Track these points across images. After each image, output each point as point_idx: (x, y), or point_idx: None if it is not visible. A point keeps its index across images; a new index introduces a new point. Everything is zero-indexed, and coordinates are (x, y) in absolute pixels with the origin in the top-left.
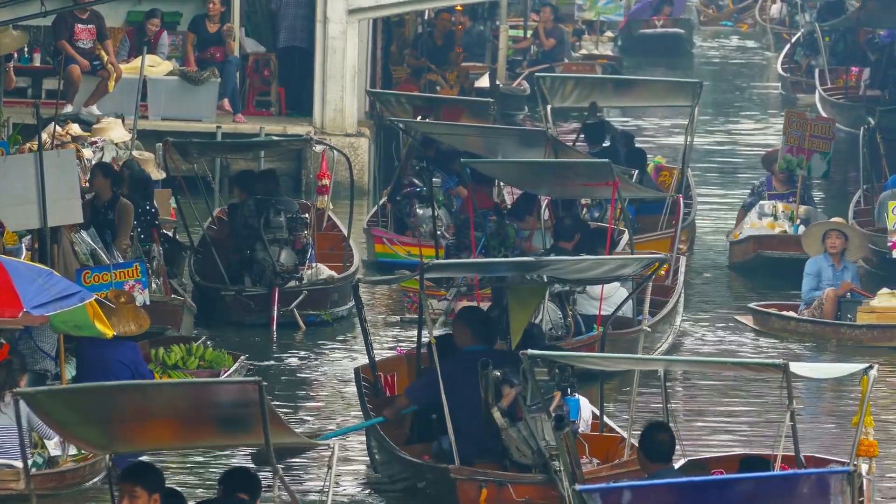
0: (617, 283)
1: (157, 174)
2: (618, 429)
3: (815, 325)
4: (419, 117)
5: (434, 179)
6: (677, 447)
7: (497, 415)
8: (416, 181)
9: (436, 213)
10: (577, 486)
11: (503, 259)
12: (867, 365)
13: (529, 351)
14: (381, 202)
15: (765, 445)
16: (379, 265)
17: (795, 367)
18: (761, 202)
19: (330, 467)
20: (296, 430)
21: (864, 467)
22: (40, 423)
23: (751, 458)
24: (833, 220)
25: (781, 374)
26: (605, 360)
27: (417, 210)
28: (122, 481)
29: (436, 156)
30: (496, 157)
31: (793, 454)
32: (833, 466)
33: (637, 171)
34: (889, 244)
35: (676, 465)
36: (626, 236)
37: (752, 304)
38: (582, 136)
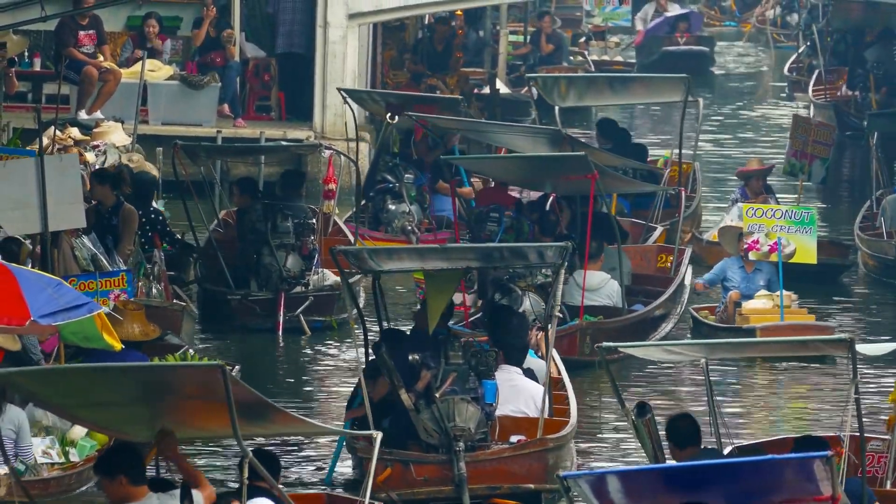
0: (606, 275)
1: (154, 171)
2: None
3: (708, 328)
4: (389, 115)
5: (406, 175)
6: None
7: (404, 396)
8: (389, 177)
9: (408, 210)
10: (561, 473)
11: (411, 246)
12: None
13: (605, 343)
14: (361, 201)
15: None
16: None
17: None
18: (739, 204)
19: (370, 458)
20: (299, 416)
21: None
22: (26, 444)
23: (806, 439)
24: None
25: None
26: (671, 350)
27: (389, 206)
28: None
29: (434, 160)
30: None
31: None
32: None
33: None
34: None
35: (725, 451)
36: (658, 231)
37: None
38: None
